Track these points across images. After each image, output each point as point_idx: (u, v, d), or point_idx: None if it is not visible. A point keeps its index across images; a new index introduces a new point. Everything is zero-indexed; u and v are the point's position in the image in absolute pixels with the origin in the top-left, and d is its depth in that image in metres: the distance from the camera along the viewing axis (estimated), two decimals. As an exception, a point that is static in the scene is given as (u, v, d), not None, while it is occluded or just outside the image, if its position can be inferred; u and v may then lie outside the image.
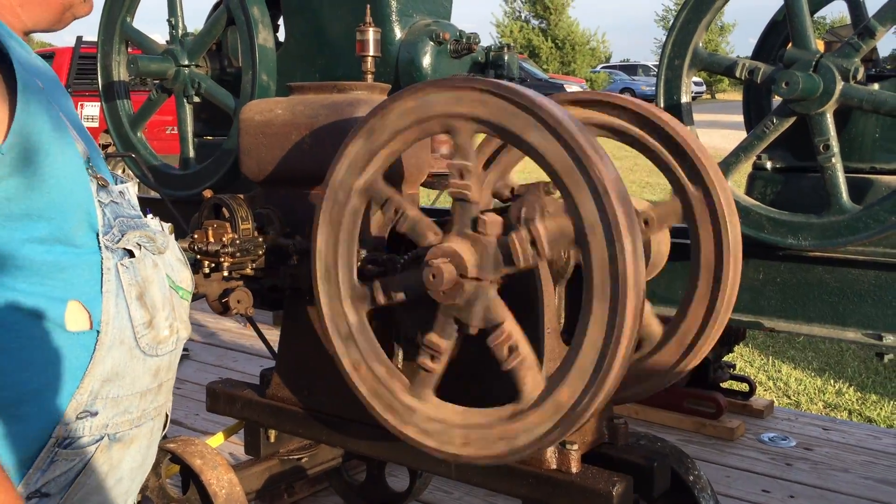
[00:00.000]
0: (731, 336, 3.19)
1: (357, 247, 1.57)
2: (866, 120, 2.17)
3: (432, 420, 1.49)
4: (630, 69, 32.57)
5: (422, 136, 1.48)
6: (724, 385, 3.32)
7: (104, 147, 10.05)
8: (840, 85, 2.03)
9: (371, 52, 1.99)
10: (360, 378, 1.57)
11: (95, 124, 10.43)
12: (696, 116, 2.40)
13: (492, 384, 1.60)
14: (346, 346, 1.57)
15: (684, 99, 2.27)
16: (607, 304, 1.31)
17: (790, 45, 2.12)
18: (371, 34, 1.98)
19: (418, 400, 1.51)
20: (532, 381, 1.41)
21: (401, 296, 1.52)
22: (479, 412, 1.48)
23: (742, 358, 4.51)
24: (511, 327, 1.41)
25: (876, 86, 2.11)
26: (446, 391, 1.51)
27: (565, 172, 1.33)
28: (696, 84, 29.11)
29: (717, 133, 12.49)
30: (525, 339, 1.42)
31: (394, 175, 1.85)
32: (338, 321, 1.57)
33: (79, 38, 10.65)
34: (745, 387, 3.37)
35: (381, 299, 1.53)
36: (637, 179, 10.73)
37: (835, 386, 4.14)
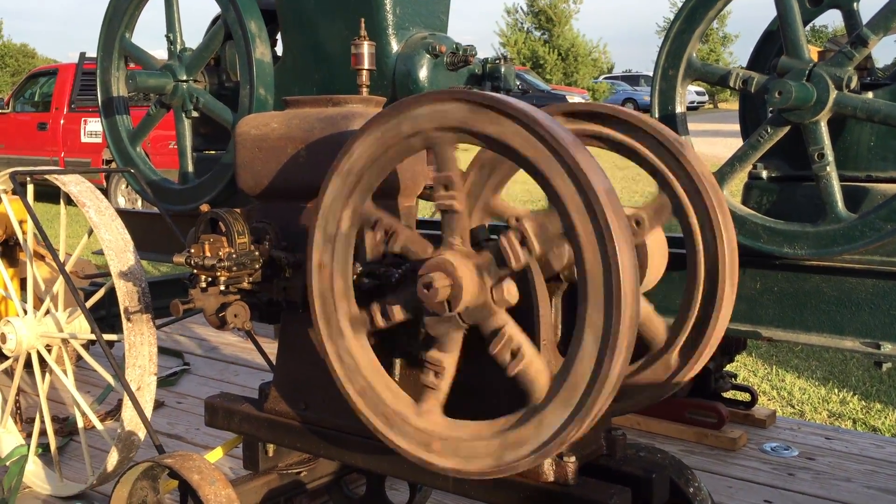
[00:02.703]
0: (732, 346, 3.18)
1: (382, 179, 1.57)
2: (861, 128, 2.17)
3: (350, 355, 1.58)
4: (632, 79, 32.62)
5: (514, 162, 1.46)
6: (726, 395, 3.30)
7: (107, 163, 10.11)
8: (833, 94, 2.03)
9: (366, 66, 2.00)
10: (319, 279, 1.61)
11: (99, 140, 10.49)
12: (699, 126, 2.41)
13: (489, 398, 1.60)
14: (324, 245, 1.60)
15: (679, 109, 2.27)
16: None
17: (783, 54, 2.12)
18: (366, 47, 1.99)
19: (351, 331, 1.57)
20: (430, 407, 1.49)
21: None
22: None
23: (745, 367, 4.50)
24: (448, 364, 1.47)
25: (870, 94, 2.11)
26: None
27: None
28: (699, 94, 29.16)
29: (719, 142, 12.46)
30: (450, 377, 1.48)
31: (390, 188, 1.86)
32: (329, 220, 1.59)
33: (82, 55, 10.71)
34: (746, 396, 3.36)
35: (378, 236, 1.56)
36: (640, 190, 10.73)
37: (839, 395, 4.12)
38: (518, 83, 2.85)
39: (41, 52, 39.22)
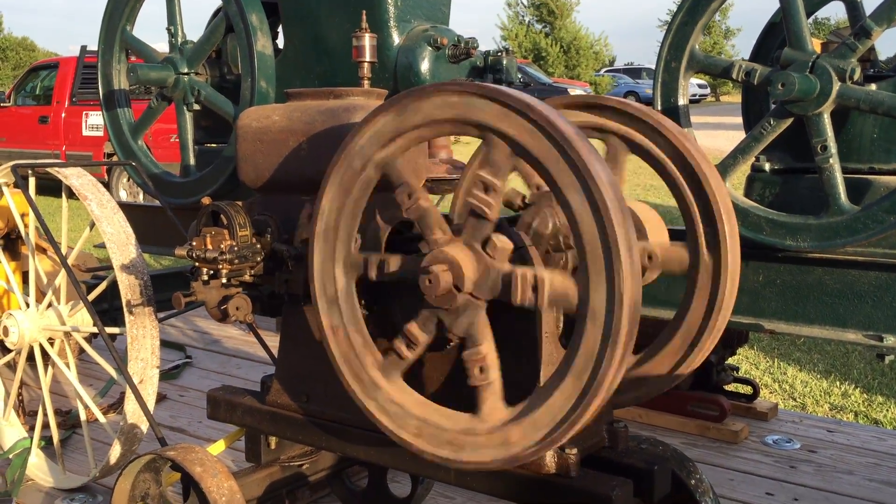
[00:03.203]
0: (734, 338, 3.18)
1: (360, 218, 1.57)
2: (864, 120, 2.17)
3: (393, 402, 1.54)
4: (634, 72, 32.58)
5: (453, 133, 1.48)
6: (728, 388, 3.30)
7: (108, 156, 10.12)
8: (837, 85, 2.02)
9: (367, 58, 2.00)
10: (336, 343, 1.60)
11: (100, 133, 10.50)
12: (701, 119, 2.41)
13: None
14: (329, 309, 1.59)
15: (681, 101, 2.27)
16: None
17: (786, 46, 2.11)
18: (367, 40, 1.99)
19: (385, 379, 1.55)
20: (491, 405, 1.44)
21: (392, 275, 1.54)
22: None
23: (747, 360, 4.50)
24: (487, 350, 1.44)
25: (873, 86, 2.11)
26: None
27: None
28: (700, 87, 29.12)
29: (720, 135, 12.45)
30: (497, 364, 1.44)
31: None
32: (326, 283, 1.59)
33: (83, 48, 10.71)
34: (748, 389, 3.36)
35: (372, 274, 1.55)
36: (641, 182, 10.72)
37: (841, 388, 4.12)
38: (519, 76, 2.84)
39: (42, 46, 39.21)
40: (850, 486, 2.73)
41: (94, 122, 10.69)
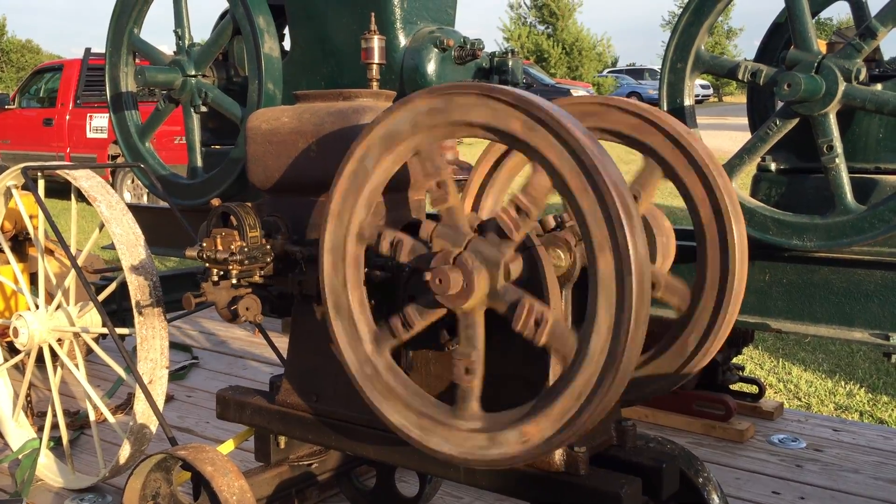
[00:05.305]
0: (740, 338, 3.18)
1: (366, 293, 1.59)
2: (870, 120, 2.18)
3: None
4: (637, 73, 32.60)
5: (395, 166, 1.53)
6: (734, 387, 3.31)
7: (112, 158, 10.14)
8: (842, 86, 2.03)
9: (376, 60, 2.01)
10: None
11: (104, 135, 10.52)
12: (703, 119, 2.41)
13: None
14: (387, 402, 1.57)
15: (687, 102, 2.28)
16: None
17: (792, 46, 2.12)
18: (376, 42, 2.00)
19: (466, 420, 1.48)
20: (569, 341, 1.39)
21: (420, 323, 1.52)
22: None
23: (752, 360, 4.50)
24: (529, 300, 1.40)
25: (879, 86, 2.12)
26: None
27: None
28: (703, 87, 29.15)
29: (723, 135, 12.48)
30: (545, 305, 1.41)
31: (401, 182, 1.87)
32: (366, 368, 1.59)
33: (87, 50, 10.73)
34: (754, 389, 3.37)
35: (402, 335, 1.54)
36: (644, 183, 10.71)
37: (845, 388, 4.12)
38: (523, 77, 2.86)
39: (45, 48, 39.27)
40: (857, 485, 2.74)
41: (98, 124, 10.71)
